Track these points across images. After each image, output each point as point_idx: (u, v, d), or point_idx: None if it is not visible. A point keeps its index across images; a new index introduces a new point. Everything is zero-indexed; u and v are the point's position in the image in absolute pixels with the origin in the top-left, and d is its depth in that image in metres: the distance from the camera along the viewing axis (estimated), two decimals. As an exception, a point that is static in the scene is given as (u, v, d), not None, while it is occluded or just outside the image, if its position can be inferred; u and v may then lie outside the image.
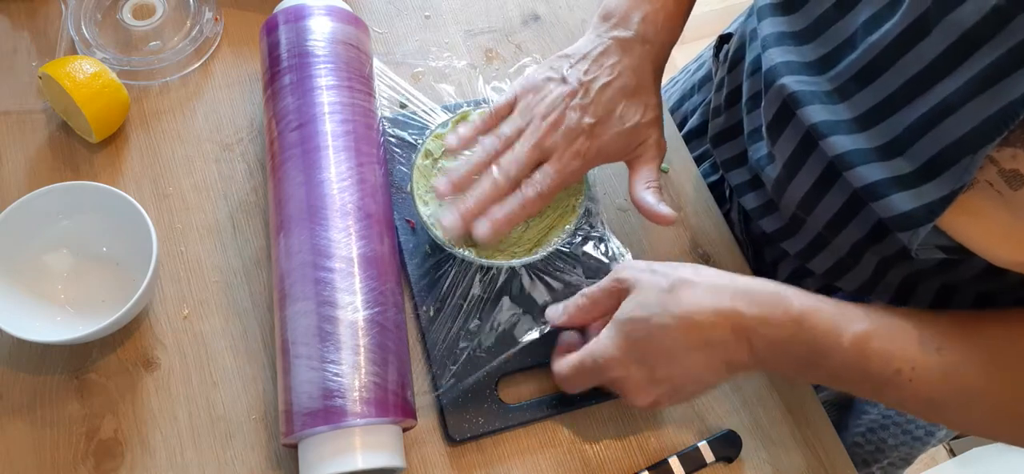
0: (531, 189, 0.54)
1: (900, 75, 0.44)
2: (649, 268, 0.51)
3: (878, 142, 0.46)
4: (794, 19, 0.54)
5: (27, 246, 0.54)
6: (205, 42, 0.67)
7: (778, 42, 0.53)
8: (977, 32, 0.40)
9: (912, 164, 0.44)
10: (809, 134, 0.50)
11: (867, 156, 0.46)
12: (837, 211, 0.52)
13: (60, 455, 0.51)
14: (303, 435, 0.47)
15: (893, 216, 0.44)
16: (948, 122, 0.41)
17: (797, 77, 0.51)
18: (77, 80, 0.58)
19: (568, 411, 0.56)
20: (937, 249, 0.45)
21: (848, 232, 0.53)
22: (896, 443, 0.75)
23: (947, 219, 0.42)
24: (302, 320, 0.49)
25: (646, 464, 0.55)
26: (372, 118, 0.59)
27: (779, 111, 0.52)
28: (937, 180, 0.42)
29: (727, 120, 0.66)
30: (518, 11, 0.75)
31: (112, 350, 0.54)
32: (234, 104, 0.66)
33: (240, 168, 0.63)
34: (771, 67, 0.53)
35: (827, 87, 0.50)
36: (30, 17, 0.67)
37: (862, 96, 0.47)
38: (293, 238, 0.52)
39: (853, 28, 0.48)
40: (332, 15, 0.59)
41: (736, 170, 0.65)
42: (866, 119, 0.47)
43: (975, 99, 0.40)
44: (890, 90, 0.45)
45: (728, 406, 0.58)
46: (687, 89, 0.82)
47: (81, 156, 0.62)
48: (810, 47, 0.52)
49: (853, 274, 0.57)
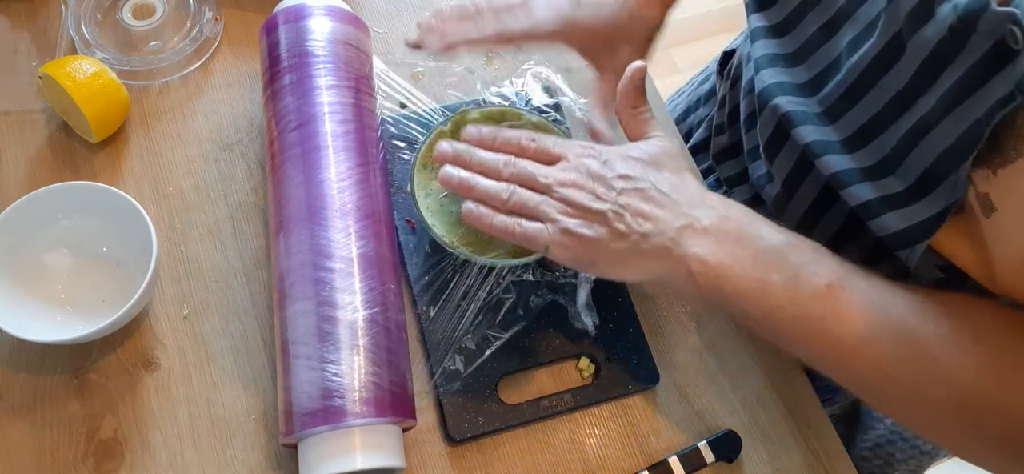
0: (491, 19, 0.56)
1: (883, 94, 0.44)
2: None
3: (869, 162, 0.46)
4: (785, 42, 0.54)
5: (27, 246, 0.54)
6: (205, 42, 0.67)
7: (771, 64, 0.53)
8: (941, 51, 0.40)
9: (903, 183, 0.43)
10: (805, 154, 0.49)
11: (859, 176, 0.46)
12: (837, 230, 0.51)
13: (60, 455, 0.51)
14: (303, 435, 0.47)
15: (889, 235, 0.44)
16: (928, 140, 0.42)
17: (790, 98, 0.51)
18: (77, 80, 0.58)
19: (568, 411, 0.56)
20: (936, 269, 0.45)
21: (849, 250, 0.52)
22: (904, 457, 0.75)
23: (941, 240, 0.42)
24: (302, 320, 0.49)
25: (646, 464, 0.55)
26: (372, 118, 0.59)
27: (774, 131, 0.52)
28: (928, 198, 0.42)
29: (730, 138, 0.66)
30: (518, 11, 0.75)
31: (112, 350, 0.54)
32: (234, 104, 0.66)
33: (240, 168, 0.63)
34: (764, 88, 0.53)
35: (818, 109, 0.50)
36: (30, 17, 0.67)
37: (850, 117, 0.47)
38: (293, 238, 0.52)
39: (838, 50, 0.49)
40: (332, 15, 0.59)
41: (739, 187, 0.65)
42: (856, 140, 0.47)
43: (947, 117, 0.40)
44: (876, 109, 0.45)
45: (728, 406, 0.58)
46: (692, 102, 0.82)
47: (81, 156, 0.62)
48: (801, 69, 0.52)
49: None
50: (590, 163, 0.50)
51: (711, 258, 0.46)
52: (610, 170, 0.49)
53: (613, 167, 0.49)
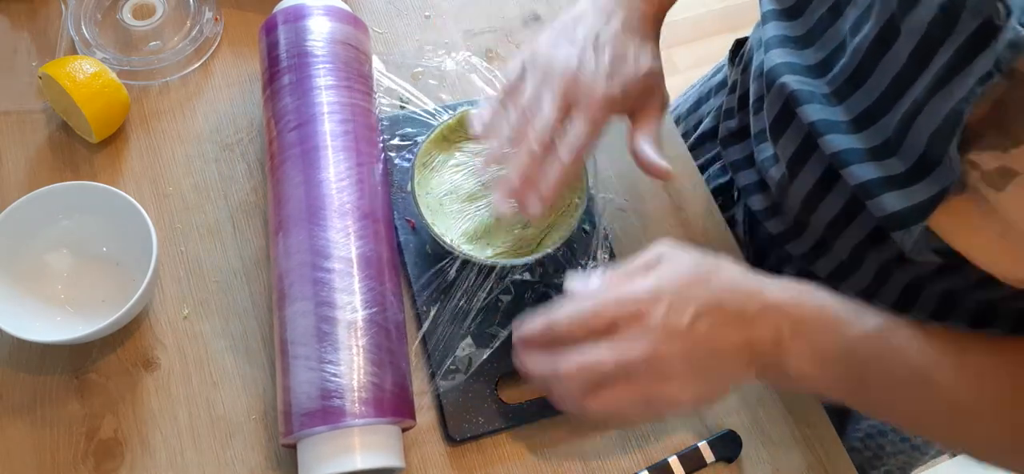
0: (565, 150, 0.50)
1: (884, 76, 0.45)
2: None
3: (873, 142, 0.46)
4: (796, 24, 0.54)
5: (27, 246, 0.54)
6: (205, 42, 0.67)
7: (781, 44, 0.54)
8: (933, 32, 0.40)
9: (905, 164, 0.44)
10: (810, 134, 0.50)
11: (863, 156, 0.46)
12: (838, 212, 0.52)
13: (60, 455, 0.51)
14: (302, 435, 0.47)
15: (885, 215, 0.44)
16: (918, 121, 0.42)
17: (798, 77, 0.51)
18: (77, 80, 0.58)
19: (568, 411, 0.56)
20: (933, 253, 0.45)
21: (849, 234, 0.53)
22: (894, 451, 0.75)
23: (940, 221, 0.42)
24: (300, 320, 0.49)
25: (646, 464, 0.55)
26: (371, 118, 0.59)
27: (780, 110, 0.52)
28: (926, 180, 0.42)
29: (739, 122, 0.66)
30: (518, 11, 0.75)
31: (112, 350, 0.54)
32: (234, 104, 0.66)
33: (240, 168, 0.63)
34: (772, 67, 0.53)
35: (826, 90, 0.50)
36: (30, 17, 0.67)
37: (856, 98, 0.47)
38: (292, 238, 0.52)
39: (843, 33, 0.49)
40: (331, 15, 0.60)
41: (744, 172, 0.65)
42: (862, 120, 0.47)
43: (933, 97, 0.40)
44: (880, 90, 0.45)
45: (728, 406, 0.58)
46: (704, 93, 0.82)
47: (81, 156, 0.62)
48: (810, 51, 0.52)
49: (855, 278, 0.57)
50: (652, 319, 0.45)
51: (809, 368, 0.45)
52: (680, 315, 0.45)
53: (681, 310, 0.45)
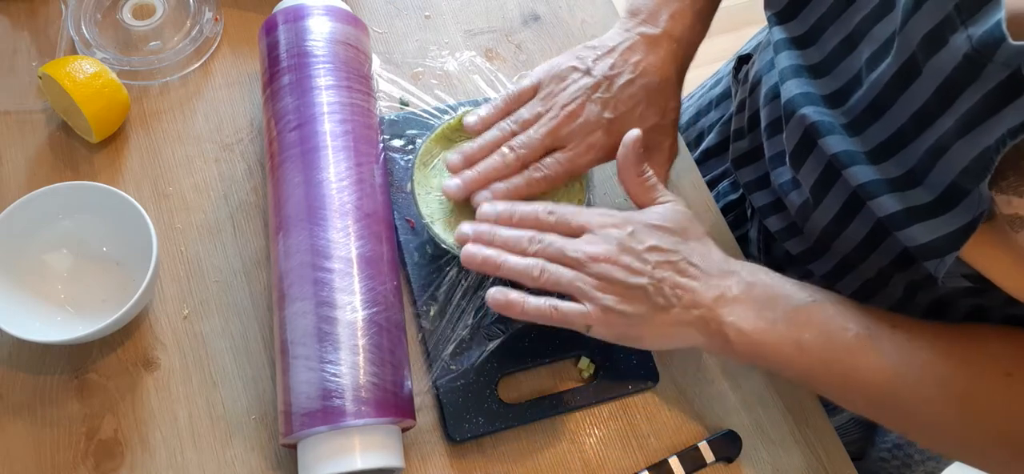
0: (538, 172, 0.54)
1: (904, 111, 0.44)
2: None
3: (895, 173, 0.46)
4: (809, 53, 0.54)
5: (27, 246, 0.54)
6: (205, 42, 0.67)
7: (796, 74, 0.53)
8: (956, 78, 0.40)
9: (931, 194, 0.43)
10: (831, 164, 0.49)
11: (887, 186, 0.46)
12: (863, 238, 0.51)
13: (60, 455, 0.51)
14: (302, 435, 0.47)
15: (917, 246, 0.44)
16: (946, 158, 0.42)
17: (817, 108, 0.51)
18: (77, 80, 0.58)
19: (568, 411, 0.56)
20: (963, 278, 0.45)
21: (875, 258, 0.52)
22: (921, 459, 0.75)
23: (969, 250, 0.42)
24: (300, 320, 0.49)
25: (646, 464, 0.55)
26: (371, 118, 0.59)
27: (801, 140, 0.52)
28: (955, 210, 0.42)
29: (750, 143, 0.65)
30: (518, 11, 0.75)
31: (112, 350, 0.54)
32: (234, 104, 0.66)
33: (240, 168, 0.63)
34: (790, 98, 0.53)
35: (843, 120, 0.50)
36: (30, 17, 0.67)
37: (874, 130, 0.47)
38: (292, 238, 0.52)
39: (858, 65, 0.49)
40: (331, 15, 0.59)
41: (759, 192, 0.64)
42: (881, 152, 0.47)
43: (960, 140, 0.40)
44: (899, 123, 0.45)
45: (728, 406, 0.58)
46: (703, 105, 0.82)
47: (81, 156, 0.62)
48: (824, 81, 0.52)
49: (882, 296, 0.56)
50: (617, 234, 0.50)
51: (747, 325, 0.48)
52: (639, 242, 0.49)
53: (641, 238, 0.50)
